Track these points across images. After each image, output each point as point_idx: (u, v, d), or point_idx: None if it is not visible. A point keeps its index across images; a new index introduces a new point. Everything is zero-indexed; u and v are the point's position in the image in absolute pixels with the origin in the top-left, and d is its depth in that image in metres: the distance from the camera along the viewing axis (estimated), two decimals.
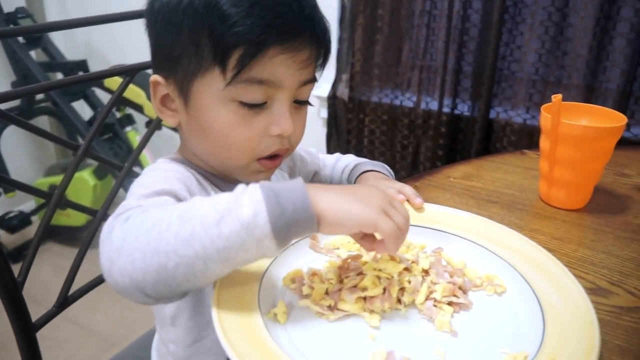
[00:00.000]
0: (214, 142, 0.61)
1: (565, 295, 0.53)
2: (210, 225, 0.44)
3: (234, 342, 0.45)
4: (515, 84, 1.60)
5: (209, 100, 0.58)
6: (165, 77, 0.61)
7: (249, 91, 0.56)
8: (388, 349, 0.48)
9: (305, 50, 0.57)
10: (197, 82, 0.58)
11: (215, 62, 0.55)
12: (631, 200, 0.82)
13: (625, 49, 1.41)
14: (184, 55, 0.57)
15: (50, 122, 2.36)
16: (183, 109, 0.61)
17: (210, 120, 0.59)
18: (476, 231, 0.65)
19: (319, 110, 1.94)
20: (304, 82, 0.60)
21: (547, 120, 0.75)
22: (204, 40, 0.55)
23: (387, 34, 1.68)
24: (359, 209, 0.48)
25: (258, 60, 0.55)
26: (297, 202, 0.45)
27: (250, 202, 0.44)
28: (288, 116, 0.59)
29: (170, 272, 0.45)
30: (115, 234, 0.47)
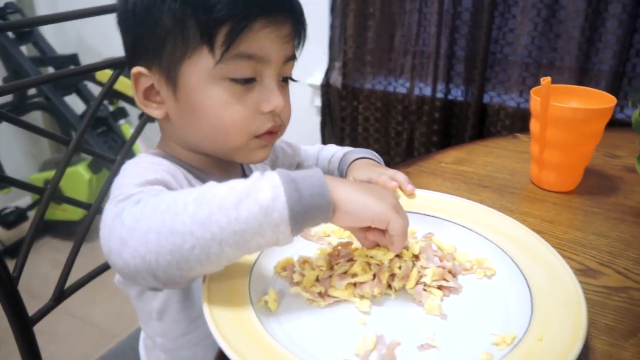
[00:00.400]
0: (209, 124, 0.60)
1: (554, 277, 0.54)
2: (229, 208, 0.44)
3: (225, 331, 0.45)
4: (508, 67, 1.60)
5: (200, 81, 0.58)
6: (148, 67, 0.60)
7: (239, 67, 0.57)
8: (378, 333, 0.48)
9: (286, 25, 0.59)
10: (185, 65, 0.58)
11: (203, 41, 0.56)
12: (622, 181, 0.82)
13: (617, 30, 1.40)
14: (168, 40, 0.57)
15: (43, 117, 2.35)
16: (171, 97, 0.61)
17: (203, 102, 0.59)
18: (466, 216, 0.65)
19: (312, 98, 1.94)
20: (287, 57, 0.61)
21: (536, 103, 0.75)
22: (189, 20, 0.55)
23: (379, 20, 1.67)
24: (374, 203, 0.49)
25: (245, 35, 0.56)
26: (315, 188, 0.46)
27: (268, 186, 0.45)
28: (278, 92, 0.61)
29: (185, 254, 0.45)
30: (126, 215, 0.47)
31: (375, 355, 0.46)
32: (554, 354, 0.44)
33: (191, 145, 0.65)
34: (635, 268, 0.62)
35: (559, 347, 0.45)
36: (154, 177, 0.56)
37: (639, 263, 0.63)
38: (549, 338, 0.46)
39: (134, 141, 1.04)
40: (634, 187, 0.80)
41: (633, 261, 0.63)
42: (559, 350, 0.44)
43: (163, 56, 0.58)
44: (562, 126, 0.74)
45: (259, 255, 0.57)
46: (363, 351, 0.46)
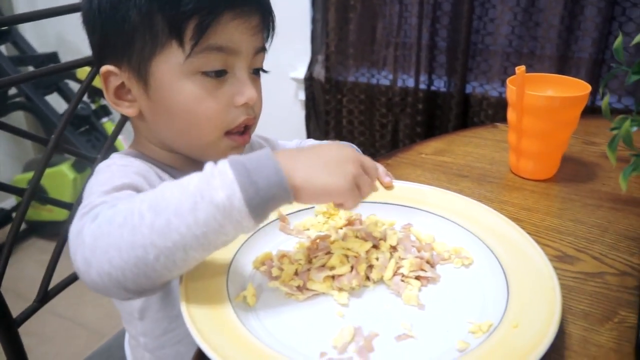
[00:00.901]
0: (181, 120, 0.60)
1: (529, 265, 0.54)
2: (185, 213, 0.43)
3: (202, 328, 0.45)
4: (490, 57, 1.60)
5: (171, 77, 0.58)
6: (118, 65, 0.59)
7: (210, 60, 0.57)
8: (356, 325, 0.49)
9: (254, 16, 0.60)
10: (156, 61, 0.58)
11: (172, 36, 0.56)
12: (599, 167, 0.83)
13: (596, 17, 1.42)
14: (137, 37, 0.57)
15: (26, 117, 2.32)
16: (143, 95, 0.60)
17: (175, 98, 0.59)
18: (444, 206, 0.65)
19: (296, 92, 1.94)
20: (257, 49, 0.62)
21: (512, 92, 0.76)
22: (157, 16, 0.55)
23: (360, 12, 1.67)
24: (333, 182, 0.48)
25: (214, 27, 0.56)
26: (271, 177, 0.45)
27: (222, 184, 0.44)
28: (250, 84, 0.61)
29: (151, 264, 0.44)
30: (85, 234, 0.46)
31: (353, 347, 0.47)
32: (529, 340, 0.45)
33: (165, 143, 0.64)
34: (611, 253, 0.63)
35: (534, 333, 0.45)
36: (121, 182, 0.55)
37: (614, 248, 0.64)
38: (524, 325, 0.47)
39: (114, 139, 1.04)
40: (610, 174, 0.81)
41: (609, 246, 0.64)
42: (534, 336, 0.45)
43: (132, 53, 0.58)
44: (538, 114, 0.74)
45: (237, 250, 0.57)
46: (341, 343, 0.47)
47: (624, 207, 0.72)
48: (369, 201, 0.67)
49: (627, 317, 0.53)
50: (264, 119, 0.85)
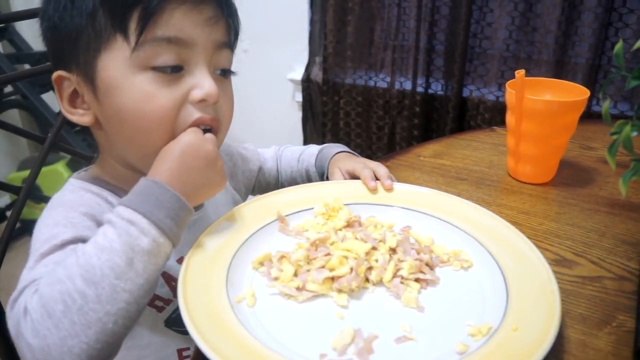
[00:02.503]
0: (130, 124, 0.56)
1: (529, 268, 0.54)
2: (125, 271, 0.46)
3: (202, 328, 0.45)
4: (487, 61, 1.61)
5: (118, 75, 0.54)
6: (68, 70, 0.57)
7: (159, 53, 0.53)
8: (356, 327, 0.49)
9: (207, 5, 0.56)
10: (101, 59, 0.54)
11: (116, 29, 0.53)
12: (596, 172, 0.84)
13: (593, 23, 1.42)
14: (82, 35, 0.54)
15: (21, 115, 2.31)
16: (94, 100, 0.56)
17: (124, 97, 0.54)
18: (444, 208, 0.65)
19: (293, 94, 1.94)
20: (217, 43, 0.57)
21: (511, 95, 0.76)
22: (98, 10, 0.53)
23: (358, 14, 1.67)
24: (212, 188, 0.57)
25: (160, 16, 0.52)
26: (174, 205, 0.50)
27: (142, 231, 0.48)
28: (211, 79, 0.56)
29: (111, 331, 0.45)
30: (28, 336, 0.44)
31: (353, 349, 0.46)
32: (528, 343, 0.45)
33: (124, 159, 0.61)
34: (609, 257, 0.63)
35: (533, 337, 0.45)
36: (63, 238, 0.51)
37: (612, 253, 0.64)
38: (523, 328, 0.47)
39: None
40: (608, 178, 0.81)
41: (607, 251, 0.64)
42: (533, 340, 0.45)
43: (79, 55, 0.55)
44: (537, 118, 0.75)
45: (236, 251, 0.57)
46: (341, 345, 0.46)
47: (621, 212, 0.72)
48: (369, 202, 0.67)
49: (625, 321, 0.53)
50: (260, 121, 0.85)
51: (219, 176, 0.57)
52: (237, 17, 0.62)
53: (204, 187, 0.55)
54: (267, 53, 1.91)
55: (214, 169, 0.56)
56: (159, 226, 0.48)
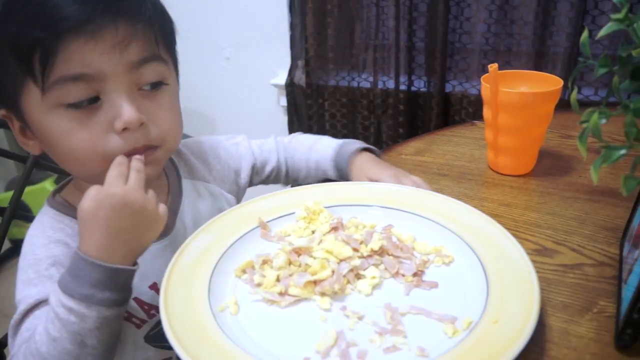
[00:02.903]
0: (63, 157, 0.58)
1: (508, 260, 0.55)
2: (80, 353, 0.51)
3: (183, 339, 0.45)
4: (468, 56, 1.62)
5: (37, 115, 0.55)
6: (7, 109, 0.58)
7: (68, 91, 0.53)
8: (338, 329, 0.49)
9: (109, 29, 0.52)
10: (22, 101, 0.55)
11: (24, 75, 0.53)
12: (575, 160, 0.84)
13: (570, 12, 1.43)
14: (3, 81, 0.55)
15: (6, 135, 2.30)
16: (31, 134, 0.59)
17: (49, 136, 0.56)
18: (424, 205, 0.66)
19: (278, 98, 1.94)
20: (133, 63, 0.55)
21: (486, 89, 0.76)
22: (8, 57, 0.53)
23: (337, 16, 1.68)
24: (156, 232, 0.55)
25: (57, 57, 0.51)
26: (114, 279, 0.52)
27: (82, 316, 0.51)
28: (128, 105, 0.54)
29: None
30: None
31: (336, 351, 0.47)
32: (508, 335, 0.45)
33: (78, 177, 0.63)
34: (589, 244, 0.64)
35: (513, 328, 0.46)
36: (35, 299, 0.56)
37: (592, 239, 0.65)
38: (504, 320, 0.47)
39: None
40: (587, 166, 0.82)
41: (587, 238, 0.65)
42: (513, 331, 0.45)
43: (7, 98, 0.56)
44: (513, 111, 0.75)
45: (218, 260, 0.57)
46: (324, 348, 0.47)
47: (601, 199, 0.73)
48: (350, 204, 0.68)
49: (606, 306, 0.54)
50: (246, 127, 0.86)
51: (153, 220, 0.54)
52: (163, 19, 0.59)
53: (141, 240, 0.55)
54: (249, 59, 1.91)
55: (144, 219, 0.54)
56: (99, 304, 0.51)
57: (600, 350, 0.49)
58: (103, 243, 0.52)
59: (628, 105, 0.49)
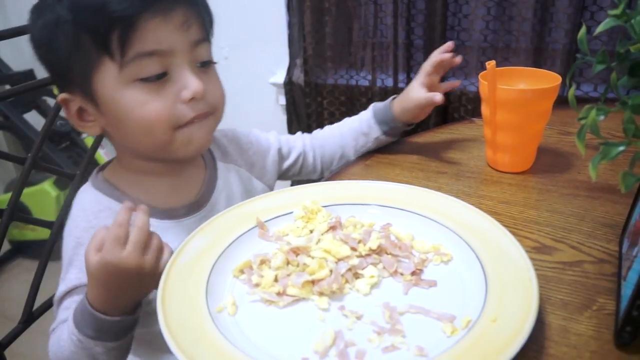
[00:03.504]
0: (134, 128, 0.62)
1: (507, 258, 0.54)
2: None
3: (181, 341, 0.45)
4: (466, 53, 1.61)
5: (112, 91, 0.60)
6: (69, 91, 0.62)
7: (144, 66, 0.59)
8: (337, 329, 0.49)
9: (177, 12, 0.59)
10: (95, 80, 0.60)
11: (101, 52, 0.58)
12: (574, 157, 0.84)
13: (568, 8, 1.43)
14: (73, 62, 0.59)
15: (5, 136, 2.30)
16: (97, 113, 0.63)
17: (122, 108, 0.61)
18: (422, 204, 0.66)
19: (277, 97, 1.94)
20: (194, 42, 0.62)
21: (484, 87, 0.76)
22: (82, 37, 0.57)
23: (335, 15, 1.67)
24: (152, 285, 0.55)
25: (136, 34, 0.57)
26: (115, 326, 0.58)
27: (92, 348, 0.58)
28: (194, 77, 0.61)
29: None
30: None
31: (334, 351, 0.47)
32: (506, 333, 0.45)
33: (136, 152, 0.67)
34: (589, 241, 0.64)
35: (511, 327, 0.46)
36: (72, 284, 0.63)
37: (592, 236, 0.65)
38: (502, 318, 0.47)
39: (93, 153, 1.03)
40: (586, 163, 0.81)
41: (586, 235, 0.65)
42: (511, 330, 0.45)
43: (74, 78, 0.61)
44: (511, 108, 0.75)
45: (216, 261, 0.57)
46: (322, 348, 0.47)
47: (600, 195, 0.73)
48: (348, 203, 0.67)
49: (606, 304, 0.54)
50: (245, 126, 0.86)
51: (151, 276, 0.56)
52: (208, 7, 0.65)
53: (140, 294, 0.59)
54: (247, 58, 1.91)
55: (141, 280, 0.56)
56: (105, 340, 0.57)
57: (599, 347, 0.48)
58: (103, 299, 0.57)
59: (626, 102, 0.49)
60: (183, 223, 0.69)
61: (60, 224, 0.95)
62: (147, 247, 0.55)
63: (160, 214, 0.67)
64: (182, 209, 0.70)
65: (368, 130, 0.87)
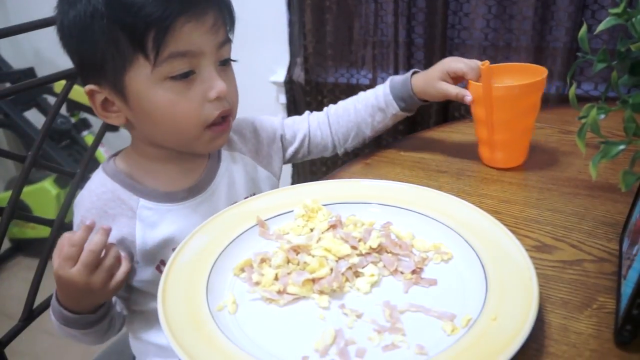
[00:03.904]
0: (163, 123, 0.65)
1: (507, 256, 0.55)
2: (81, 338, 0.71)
3: (182, 339, 0.45)
4: (467, 51, 1.61)
5: (144, 88, 0.62)
6: (97, 83, 0.64)
7: (175, 65, 0.61)
8: (337, 327, 0.49)
9: (208, 16, 0.62)
10: (127, 76, 0.62)
11: (136, 51, 0.60)
12: (575, 156, 0.84)
13: (569, 7, 1.43)
14: (107, 57, 0.61)
15: (5, 134, 2.30)
16: (125, 106, 0.65)
17: (153, 105, 0.64)
18: (422, 202, 0.66)
19: (277, 96, 1.94)
20: (220, 44, 0.65)
21: (477, 87, 0.76)
22: (119, 35, 0.59)
23: (336, 13, 1.67)
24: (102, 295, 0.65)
25: (171, 36, 0.60)
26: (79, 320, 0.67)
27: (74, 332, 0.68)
28: (219, 78, 0.65)
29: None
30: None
31: (335, 349, 0.47)
32: (507, 332, 0.45)
33: (157, 142, 0.70)
34: (589, 240, 0.64)
35: (512, 325, 0.46)
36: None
37: (592, 235, 0.65)
38: (503, 317, 0.47)
39: (94, 151, 1.03)
40: (586, 162, 0.81)
41: (586, 233, 0.65)
42: (512, 328, 0.45)
43: (106, 72, 0.62)
44: (500, 105, 0.75)
45: (216, 260, 0.57)
46: (322, 346, 0.47)
47: (600, 194, 0.73)
48: (348, 201, 0.67)
49: (606, 302, 0.54)
50: None
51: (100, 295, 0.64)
52: (232, 9, 0.68)
53: (91, 302, 0.66)
54: (248, 57, 1.90)
55: (90, 295, 0.63)
56: (76, 328, 0.67)
57: (599, 346, 0.48)
58: (63, 298, 0.65)
59: (627, 101, 0.49)
60: (182, 205, 0.71)
61: (60, 222, 0.95)
62: (97, 267, 0.61)
63: (161, 196, 0.70)
64: (182, 193, 0.72)
65: (385, 106, 0.86)
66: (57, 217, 0.95)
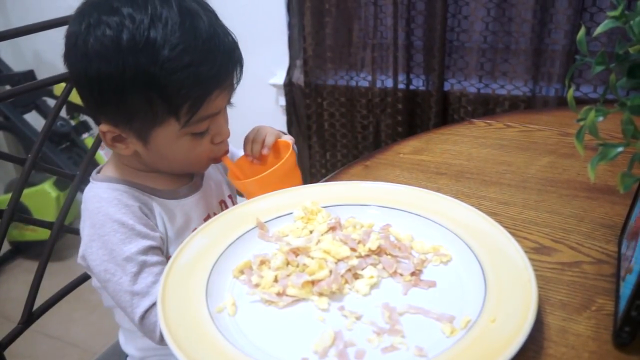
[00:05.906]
0: (175, 162, 0.72)
1: (505, 258, 0.55)
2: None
3: (181, 341, 0.45)
4: (466, 54, 1.62)
5: (168, 141, 0.68)
6: (115, 125, 0.66)
7: (201, 126, 0.68)
8: (336, 329, 0.49)
9: (229, 80, 0.68)
10: (155, 131, 0.66)
11: (170, 115, 0.64)
12: (574, 158, 0.84)
13: (567, 10, 1.43)
14: (138, 111, 0.64)
15: (5, 137, 2.30)
16: (141, 146, 0.69)
17: (171, 153, 0.70)
18: (421, 204, 0.66)
19: (276, 98, 1.94)
20: (230, 96, 0.71)
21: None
22: (156, 99, 0.63)
23: (335, 16, 1.68)
24: None
25: (205, 106, 0.65)
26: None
27: None
28: (226, 126, 0.72)
29: None
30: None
31: (334, 351, 0.47)
32: (505, 334, 0.45)
33: (159, 170, 0.74)
34: (587, 242, 0.64)
35: (510, 327, 0.46)
36: (135, 248, 0.66)
37: (591, 237, 0.65)
38: (501, 319, 0.47)
39: (93, 153, 1.03)
40: (585, 164, 0.81)
41: (585, 235, 0.65)
42: (510, 330, 0.45)
43: (133, 123, 0.66)
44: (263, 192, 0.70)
45: (215, 261, 0.57)
46: (321, 348, 0.47)
47: (599, 196, 0.73)
48: (348, 204, 0.68)
49: (605, 304, 0.54)
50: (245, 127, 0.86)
51: None
52: (243, 62, 0.70)
53: None
54: (247, 59, 1.89)
55: None
56: None
57: (598, 348, 0.49)
58: None
59: (625, 103, 0.49)
60: (186, 201, 0.76)
61: (60, 224, 0.95)
62: None
63: (167, 194, 0.75)
64: (183, 190, 0.77)
65: None
66: (56, 220, 0.95)
